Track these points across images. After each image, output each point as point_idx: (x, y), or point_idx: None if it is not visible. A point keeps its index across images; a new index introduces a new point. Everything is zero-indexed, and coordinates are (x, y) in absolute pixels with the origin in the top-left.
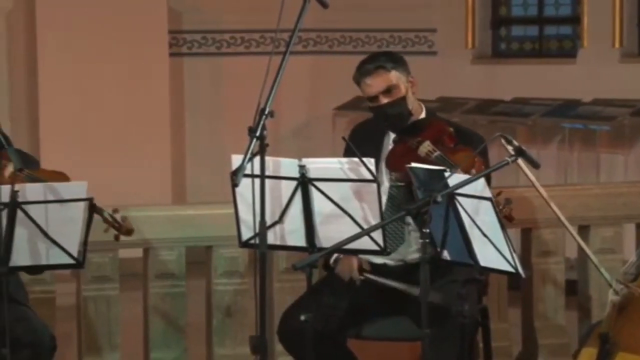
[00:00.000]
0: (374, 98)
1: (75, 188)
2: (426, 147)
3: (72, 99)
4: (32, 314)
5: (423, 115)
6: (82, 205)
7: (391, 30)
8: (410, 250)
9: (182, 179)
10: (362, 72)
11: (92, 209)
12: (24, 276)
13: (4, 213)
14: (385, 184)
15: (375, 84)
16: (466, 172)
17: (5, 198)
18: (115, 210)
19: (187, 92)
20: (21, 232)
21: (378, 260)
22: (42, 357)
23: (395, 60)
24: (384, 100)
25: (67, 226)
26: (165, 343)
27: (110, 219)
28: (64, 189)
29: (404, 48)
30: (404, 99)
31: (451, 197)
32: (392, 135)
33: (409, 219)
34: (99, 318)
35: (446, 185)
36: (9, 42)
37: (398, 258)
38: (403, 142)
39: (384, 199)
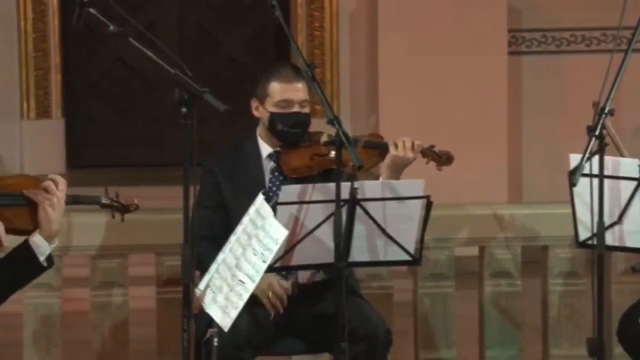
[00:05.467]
0: None
1: (413, 186)
2: None
3: (411, 97)
4: (369, 307)
5: None
6: (419, 203)
7: None
8: None
9: (518, 177)
10: None
11: (429, 206)
12: (361, 272)
13: (344, 209)
14: None
15: None
16: None
17: (345, 195)
18: (433, 146)
19: (525, 91)
20: (359, 229)
21: None
22: (378, 351)
23: None
24: None
25: (404, 223)
26: (500, 342)
27: (428, 152)
28: (401, 187)
29: None
30: None
31: None
32: None
33: None
34: (435, 315)
35: None
36: (352, 42)
37: None
38: None
39: None
